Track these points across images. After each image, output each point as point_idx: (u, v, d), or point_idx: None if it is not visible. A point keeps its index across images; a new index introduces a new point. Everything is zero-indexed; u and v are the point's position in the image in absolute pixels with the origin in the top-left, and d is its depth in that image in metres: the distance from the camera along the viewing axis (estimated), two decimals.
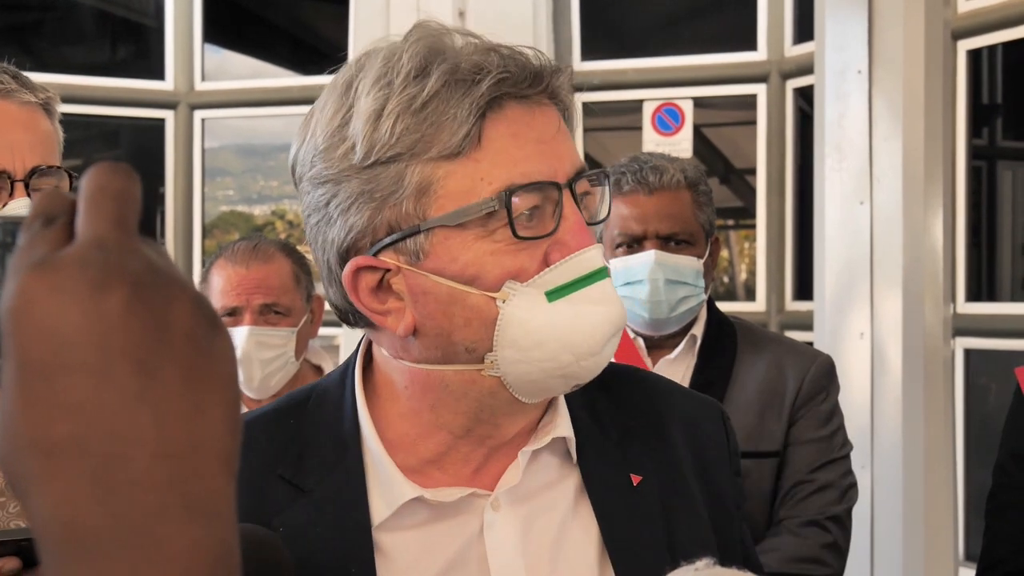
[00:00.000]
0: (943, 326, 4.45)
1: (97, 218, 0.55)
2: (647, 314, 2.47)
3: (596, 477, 1.27)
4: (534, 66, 1.16)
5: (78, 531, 0.51)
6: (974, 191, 4.69)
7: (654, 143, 5.40)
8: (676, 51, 5.61)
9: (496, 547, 1.22)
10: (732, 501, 1.36)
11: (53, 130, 1.84)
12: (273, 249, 2.69)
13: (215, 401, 0.55)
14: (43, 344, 0.52)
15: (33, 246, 0.55)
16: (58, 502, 0.51)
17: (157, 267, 0.55)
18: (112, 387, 0.52)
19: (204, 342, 0.55)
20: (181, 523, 0.52)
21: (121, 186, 0.57)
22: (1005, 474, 2.17)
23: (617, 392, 1.34)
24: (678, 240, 2.48)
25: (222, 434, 0.55)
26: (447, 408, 1.21)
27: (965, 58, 4.52)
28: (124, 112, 6.05)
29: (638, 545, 1.25)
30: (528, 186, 1.12)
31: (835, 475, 2.46)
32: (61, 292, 0.52)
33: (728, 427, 1.40)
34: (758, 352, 2.53)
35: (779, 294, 5.35)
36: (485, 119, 1.12)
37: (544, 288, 1.13)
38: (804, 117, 5.28)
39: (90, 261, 0.53)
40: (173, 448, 0.52)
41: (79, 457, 0.51)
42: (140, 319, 0.53)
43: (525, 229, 1.12)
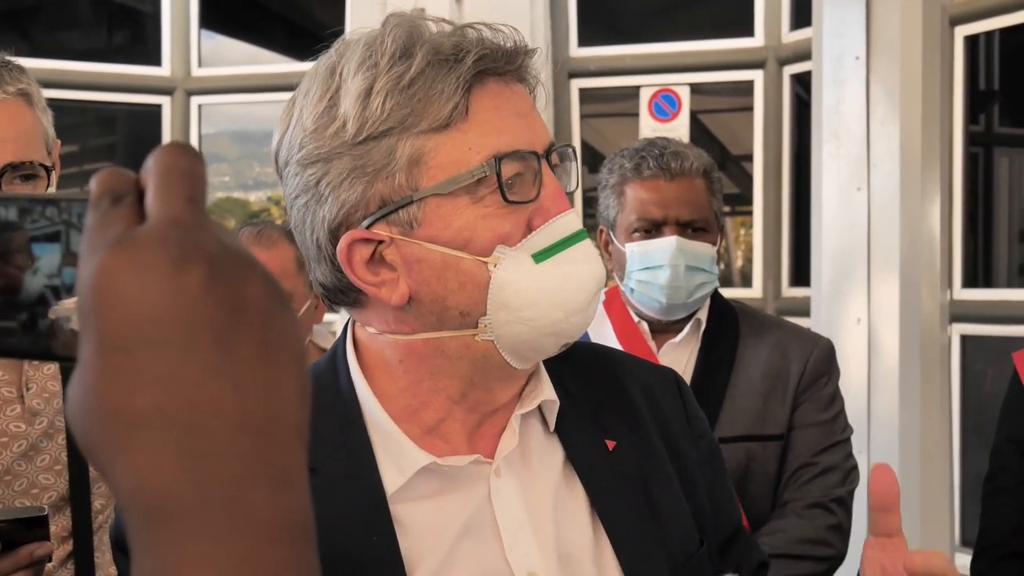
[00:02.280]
0: (940, 312, 4.47)
1: (171, 197, 0.56)
2: (664, 299, 2.47)
3: (576, 444, 1.33)
4: (511, 44, 1.22)
5: (166, 500, 0.52)
6: (971, 177, 4.70)
7: (651, 129, 5.41)
8: (673, 37, 5.61)
9: (504, 511, 1.26)
10: (694, 463, 1.41)
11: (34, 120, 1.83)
12: (277, 235, 2.71)
13: (288, 374, 0.56)
14: (126, 319, 0.53)
15: (107, 224, 0.56)
16: (145, 472, 0.52)
17: (230, 245, 0.56)
18: (194, 361, 0.53)
19: (275, 318, 0.56)
20: (265, 492, 0.53)
21: (190, 165, 0.58)
22: (1002, 458, 2.18)
23: (580, 365, 1.40)
24: (696, 227, 2.49)
25: (295, 406, 0.56)
26: (444, 373, 1.26)
27: (962, 44, 4.53)
28: (120, 98, 6.04)
29: (623, 508, 1.31)
30: (512, 154, 1.19)
31: (838, 458, 2.48)
32: (143, 269, 0.53)
33: (684, 392, 1.46)
34: (760, 336, 2.54)
35: (775, 280, 5.37)
36: (471, 93, 1.19)
37: (531, 251, 1.20)
38: (801, 103, 5.29)
39: (169, 239, 0.54)
40: (253, 420, 0.54)
41: (164, 428, 0.52)
42: (218, 295, 0.54)
43: (511, 195, 1.19)
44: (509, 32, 1.24)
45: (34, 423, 1.89)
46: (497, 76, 1.21)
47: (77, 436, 0.56)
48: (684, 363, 2.54)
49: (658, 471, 1.35)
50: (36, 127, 1.83)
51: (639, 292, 2.51)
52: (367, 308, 1.27)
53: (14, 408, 1.88)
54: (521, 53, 1.23)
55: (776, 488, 2.47)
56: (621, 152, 2.57)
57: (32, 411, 1.89)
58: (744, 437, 2.45)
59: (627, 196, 2.51)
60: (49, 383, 1.93)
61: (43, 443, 1.89)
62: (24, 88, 1.82)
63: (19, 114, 1.80)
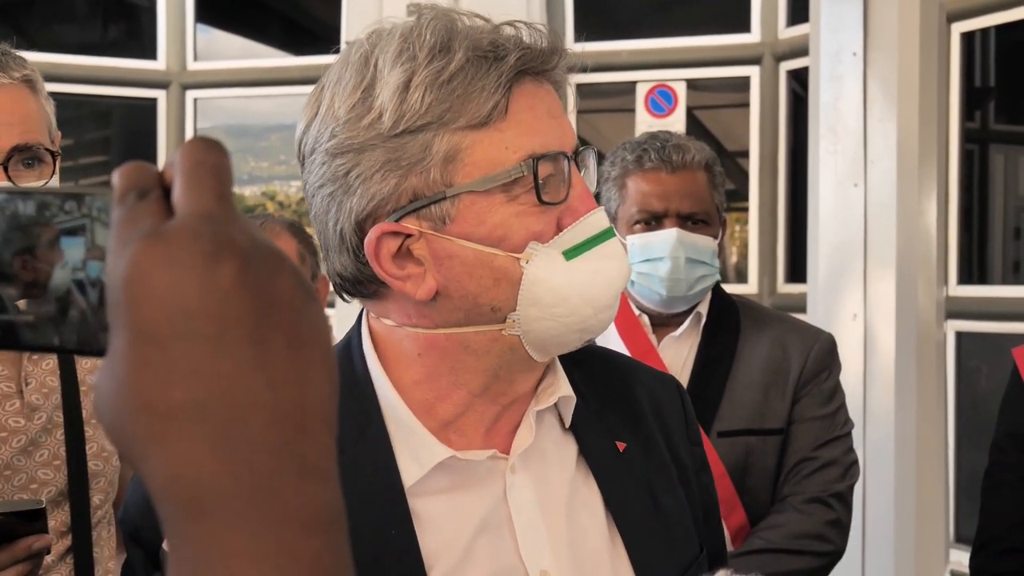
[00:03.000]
0: (936, 308, 4.48)
1: (200, 191, 0.57)
2: (665, 291, 2.48)
3: (590, 443, 1.33)
4: (546, 44, 1.22)
5: (201, 491, 0.53)
6: (966, 174, 4.71)
7: (647, 125, 5.42)
8: (669, 33, 5.61)
9: (519, 509, 1.26)
10: (692, 469, 1.43)
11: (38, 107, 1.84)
12: (279, 228, 2.71)
13: (317, 367, 0.57)
14: (159, 313, 0.54)
15: (136, 219, 0.57)
16: (180, 463, 0.53)
17: (259, 240, 0.57)
18: (227, 354, 0.54)
19: (305, 312, 0.57)
20: (298, 482, 0.54)
21: (218, 161, 0.59)
22: (1001, 453, 2.19)
23: (589, 367, 1.41)
24: (697, 220, 2.49)
25: (325, 398, 0.57)
26: (467, 368, 1.26)
27: (959, 41, 4.54)
28: (116, 92, 6.03)
29: (635, 509, 1.32)
30: (548, 155, 1.20)
31: (838, 452, 2.48)
32: (175, 263, 0.54)
33: (684, 399, 1.48)
34: (761, 330, 2.54)
35: (771, 276, 5.37)
36: (511, 92, 1.19)
37: (562, 248, 1.21)
38: (797, 99, 5.30)
39: (201, 233, 0.55)
40: (285, 412, 0.55)
41: (199, 421, 0.53)
42: (250, 290, 0.55)
43: (545, 195, 1.20)
44: (545, 32, 1.24)
45: (33, 418, 1.89)
46: (533, 76, 1.22)
47: (107, 428, 0.56)
48: (684, 357, 2.54)
49: (663, 477, 1.37)
50: (40, 113, 1.84)
51: (640, 284, 2.51)
52: (386, 300, 1.26)
53: (13, 403, 1.88)
54: (556, 53, 1.23)
55: (775, 483, 2.47)
56: (623, 145, 2.58)
57: (31, 406, 1.89)
58: (744, 431, 2.45)
59: (628, 188, 2.51)
60: (48, 378, 1.92)
61: (42, 438, 1.89)
62: (28, 75, 1.83)
63: (24, 99, 1.81)
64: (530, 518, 1.27)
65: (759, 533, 2.41)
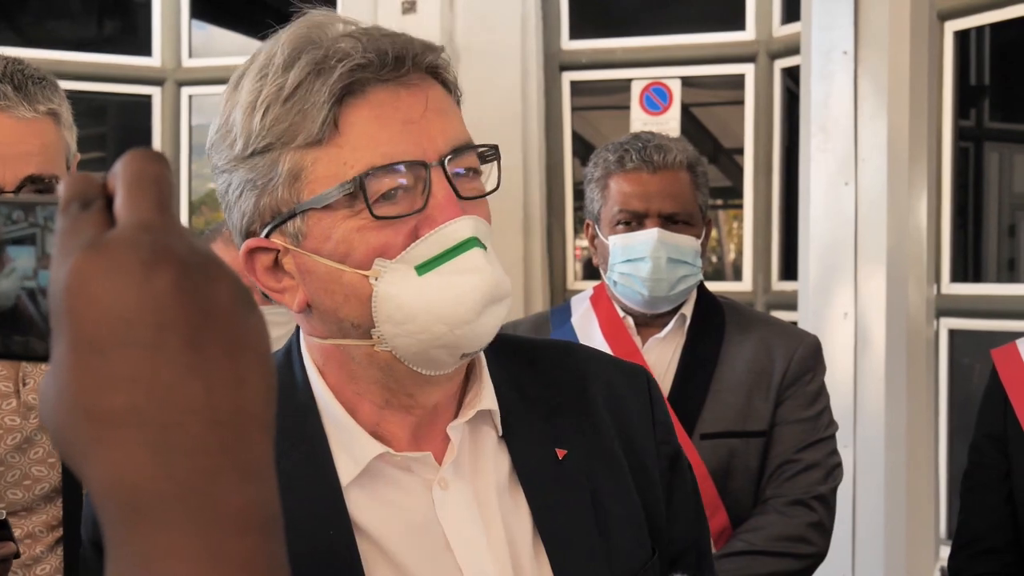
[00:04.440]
0: (927, 306, 4.48)
1: (140, 202, 0.59)
2: (646, 291, 2.48)
3: (523, 453, 1.31)
4: (395, 49, 1.19)
5: (139, 494, 0.55)
6: (961, 172, 4.70)
7: (642, 122, 5.42)
8: (664, 30, 5.61)
9: (452, 523, 1.26)
10: (654, 469, 1.39)
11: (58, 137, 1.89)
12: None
13: (255, 372, 0.59)
14: (99, 321, 0.56)
15: (77, 229, 0.59)
16: (119, 468, 0.55)
17: (198, 249, 0.59)
18: (165, 360, 0.55)
19: (243, 318, 0.59)
20: (233, 485, 0.56)
21: (158, 171, 0.61)
22: (980, 454, 2.20)
23: (543, 367, 1.39)
24: (679, 220, 2.50)
25: (262, 402, 0.59)
26: (362, 380, 1.26)
27: (952, 39, 4.53)
28: (111, 88, 6.02)
29: (566, 521, 1.30)
30: (386, 167, 1.16)
31: (821, 455, 2.48)
32: (114, 272, 0.56)
33: (653, 395, 1.44)
34: (746, 332, 2.55)
35: (765, 274, 5.37)
36: (344, 105, 1.17)
37: (413, 263, 1.17)
38: (792, 97, 5.29)
39: (140, 242, 0.57)
40: (223, 416, 0.56)
41: (137, 426, 0.55)
42: (188, 297, 0.56)
43: (389, 208, 1.17)
44: (397, 36, 1.22)
45: (29, 417, 1.92)
46: (383, 83, 1.18)
47: (51, 433, 0.58)
48: (669, 358, 2.54)
49: (611, 479, 1.34)
50: (59, 144, 1.89)
51: (622, 285, 2.52)
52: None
53: (10, 402, 1.91)
54: (409, 56, 1.20)
55: (758, 485, 2.48)
56: (606, 146, 2.59)
57: (28, 406, 1.92)
58: (727, 433, 2.46)
59: (611, 189, 2.52)
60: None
61: (37, 436, 1.92)
62: (55, 108, 1.87)
63: (46, 132, 1.86)
64: (464, 528, 1.26)
65: (741, 535, 2.42)
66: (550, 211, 5.57)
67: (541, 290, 5.39)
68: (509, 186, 5.31)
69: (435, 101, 1.22)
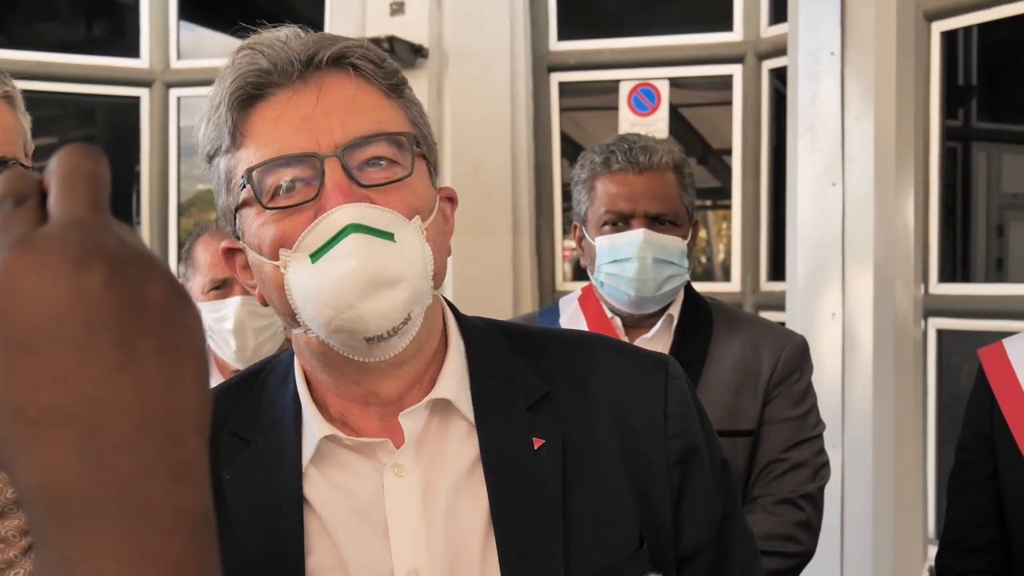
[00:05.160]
0: (914, 306, 4.49)
1: (72, 199, 0.58)
2: (633, 292, 2.48)
3: (492, 442, 1.33)
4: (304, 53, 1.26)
5: (67, 496, 0.53)
6: (949, 172, 4.72)
7: (630, 123, 5.42)
8: (652, 31, 5.62)
9: (397, 506, 1.29)
10: (657, 463, 1.37)
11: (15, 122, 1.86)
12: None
13: (188, 371, 0.58)
14: (28, 319, 0.54)
15: (9, 226, 0.58)
16: (46, 469, 0.54)
17: (132, 246, 0.57)
18: (95, 359, 0.54)
19: (177, 316, 0.58)
20: (165, 485, 0.55)
21: (93, 168, 0.59)
22: (967, 453, 2.20)
23: (546, 357, 1.41)
24: (665, 220, 2.50)
25: (196, 402, 0.58)
26: (316, 369, 1.34)
27: (939, 39, 4.54)
28: (99, 90, 6.02)
29: (525, 511, 1.30)
30: (269, 161, 1.24)
31: (808, 454, 2.48)
32: (44, 269, 0.55)
33: (670, 388, 1.41)
34: (733, 332, 2.55)
35: (754, 274, 5.38)
36: (248, 111, 1.26)
37: (307, 251, 1.23)
38: (780, 98, 5.31)
39: (70, 240, 0.56)
40: (153, 415, 0.55)
41: (65, 425, 0.54)
42: (119, 295, 0.55)
43: (285, 200, 1.24)
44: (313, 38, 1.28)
45: None
46: (286, 86, 1.25)
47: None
48: None
49: (593, 470, 1.34)
50: (17, 128, 1.86)
51: (608, 285, 2.52)
52: None
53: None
54: (320, 58, 1.26)
55: (746, 484, 2.48)
56: (593, 148, 2.59)
57: None
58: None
59: (597, 190, 2.53)
60: None
61: None
62: (9, 91, 1.85)
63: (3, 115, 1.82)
64: (406, 515, 1.29)
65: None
66: (538, 212, 5.57)
67: (530, 291, 5.40)
68: (497, 187, 5.31)
69: (338, 96, 1.26)
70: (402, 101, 1.32)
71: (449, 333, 1.39)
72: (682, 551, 1.39)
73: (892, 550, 4.35)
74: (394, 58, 1.45)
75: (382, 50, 1.34)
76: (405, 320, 1.25)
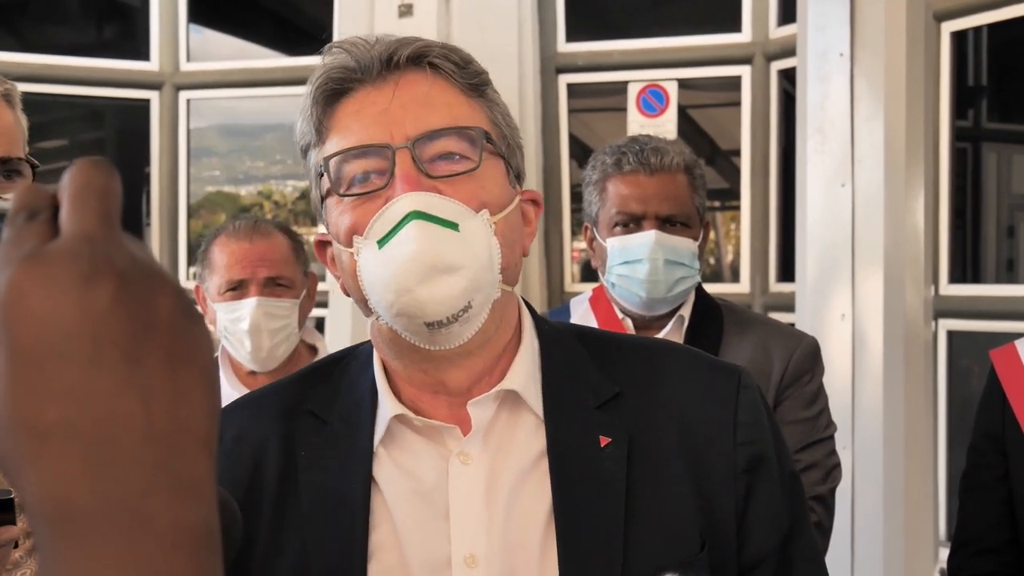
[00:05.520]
0: (925, 307, 4.48)
1: (83, 213, 0.58)
2: (644, 293, 2.49)
3: (560, 438, 1.35)
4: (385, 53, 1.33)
5: (70, 510, 0.54)
6: (959, 173, 4.70)
7: (639, 124, 5.42)
8: (661, 33, 5.61)
9: (458, 496, 1.32)
10: (727, 468, 1.37)
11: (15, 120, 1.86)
12: (272, 227, 2.83)
13: (196, 386, 0.58)
14: (35, 333, 0.55)
15: (20, 239, 0.58)
16: (51, 482, 0.54)
17: (141, 260, 0.58)
18: (101, 373, 0.55)
19: (185, 331, 0.58)
20: (168, 501, 0.55)
21: (104, 182, 0.60)
22: (978, 454, 2.20)
23: (616, 359, 1.43)
24: (676, 222, 2.50)
25: (203, 418, 0.58)
26: (389, 357, 1.39)
27: (949, 40, 4.53)
28: (109, 93, 6.02)
29: (587, 506, 1.32)
30: (344, 151, 1.31)
31: (820, 455, 2.48)
32: (53, 284, 0.55)
33: (742, 397, 1.42)
34: (744, 333, 2.55)
35: (763, 276, 5.37)
36: (330, 107, 1.34)
37: (375, 238, 1.28)
38: (788, 99, 5.29)
39: (79, 254, 0.56)
40: (159, 431, 0.56)
41: (70, 440, 0.54)
42: (127, 309, 0.56)
43: (358, 188, 1.31)
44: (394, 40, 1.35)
45: None
46: (368, 84, 1.33)
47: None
48: None
49: (657, 473, 1.35)
50: (17, 126, 1.86)
51: (620, 287, 2.52)
52: None
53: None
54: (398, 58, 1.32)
55: None
56: (604, 149, 2.60)
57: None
58: None
59: (608, 191, 2.53)
60: None
61: None
62: (8, 89, 1.85)
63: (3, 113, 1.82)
64: (469, 502, 1.32)
65: None
66: (547, 213, 5.57)
67: (538, 292, 5.40)
68: None
69: (413, 92, 1.32)
70: (482, 100, 1.37)
71: (523, 330, 1.42)
72: (744, 559, 1.38)
73: (903, 552, 4.34)
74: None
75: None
76: (465, 308, 1.28)
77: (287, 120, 6.33)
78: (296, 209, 6.49)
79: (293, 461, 1.37)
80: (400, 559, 1.32)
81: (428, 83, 1.32)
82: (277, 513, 1.37)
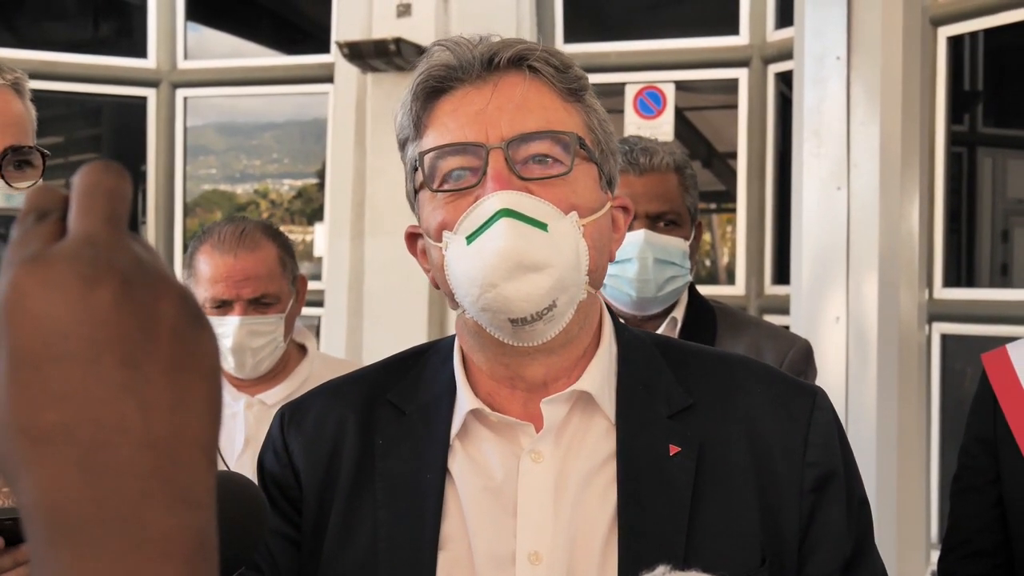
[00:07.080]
0: (919, 311, 4.49)
1: (89, 215, 0.57)
2: (634, 292, 2.48)
3: (630, 443, 1.36)
4: (486, 53, 1.35)
5: (64, 515, 0.53)
6: (954, 177, 4.71)
7: (636, 126, 5.42)
8: (658, 35, 5.62)
9: (527, 494, 1.34)
10: (793, 485, 1.37)
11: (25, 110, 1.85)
12: (259, 235, 2.67)
13: (198, 394, 0.57)
14: (34, 335, 0.54)
15: (26, 241, 0.57)
16: (46, 487, 0.53)
17: (145, 263, 0.57)
18: (99, 377, 0.54)
19: (189, 336, 0.57)
20: (163, 509, 0.54)
21: (113, 184, 0.59)
22: (969, 457, 2.20)
23: (691, 370, 1.44)
24: (666, 220, 2.50)
25: (204, 425, 0.57)
26: (471, 350, 1.41)
27: (945, 44, 4.55)
28: (106, 90, 6.03)
29: (651, 513, 1.33)
30: (439, 147, 1.33)
31: None
32: (52, 286, 0.54)
33: (815, 416, 1.41)
34: (737, 335, 2.55)
35: (758, 278, 5.38)
36: (430, 103, 1.36)
37: (465, 233, 1.30)
38: (785, 102, 5.30)
39: (81, 256, 0.55)
40: (157, 437, 0.54)
41: (67, 444, 0.53)
42: (128, 313, 0.55)
43: (451, 184, 1.33)
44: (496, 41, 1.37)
45: None
46: (469, 83, 1.34)
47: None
48: None
49: (724, 485, 1.35)
50: (27, 116, 1.86)
51: (610, 287, 2.52)
52: None
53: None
54: (498, 58, 1.34)
55: None
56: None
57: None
58: None
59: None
60: None
61: None
62: (18, 78, 1.85)
63: (13, 101, 1.83)
64: (537, 500, 1.34)
65: None
66: None
67: None
68: None
69: (511, 94, 1.34)
70: (580, 105, 1.38)
71: (603, 334, 1.43)
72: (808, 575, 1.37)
73: (895, 554, 4.35)
74: (400, 60, 1.53)
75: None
76: (550, 307, 1.30)
77: (284, 119, 6.33)
78: (292, 208, 6.49)
79: (370, 449, 1.41)
80: (467, 551, 1.35)
81: (526, 85, 1.34)
82: (351, 497, 1.40)
